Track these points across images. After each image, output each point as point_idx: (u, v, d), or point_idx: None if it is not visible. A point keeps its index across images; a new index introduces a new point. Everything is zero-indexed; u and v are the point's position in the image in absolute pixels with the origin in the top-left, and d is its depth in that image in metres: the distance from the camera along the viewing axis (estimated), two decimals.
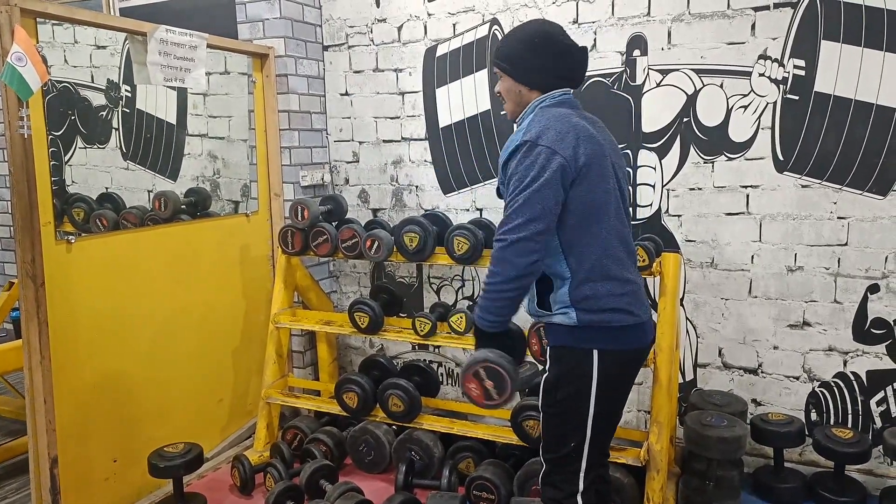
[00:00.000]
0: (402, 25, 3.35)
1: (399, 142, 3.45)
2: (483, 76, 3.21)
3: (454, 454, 2.96)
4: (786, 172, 2.76)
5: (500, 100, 1.99)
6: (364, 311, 2.92)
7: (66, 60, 3.64)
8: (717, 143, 2.84)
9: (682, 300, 2.99)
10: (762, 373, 2.93)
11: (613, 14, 2.93)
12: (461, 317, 2.83)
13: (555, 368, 1.88)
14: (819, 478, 2.76)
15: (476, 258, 2.77)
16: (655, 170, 2.95)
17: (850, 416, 2.81)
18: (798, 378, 2.87)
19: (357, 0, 3.41)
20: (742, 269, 2.88)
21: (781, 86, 2.72)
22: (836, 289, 2.75)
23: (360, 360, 3.45)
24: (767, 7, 2.69)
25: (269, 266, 3.45)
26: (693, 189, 2.91)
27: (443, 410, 3.09)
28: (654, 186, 2.96)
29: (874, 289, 2.70)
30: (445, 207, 3.38)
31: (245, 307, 3.34)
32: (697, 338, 3.01)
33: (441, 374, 3.53)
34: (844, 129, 2.64)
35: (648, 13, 2.87)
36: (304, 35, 3.42)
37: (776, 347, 2.88)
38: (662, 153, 2.93)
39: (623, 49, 2.93)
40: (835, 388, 2.82)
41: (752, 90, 2.76)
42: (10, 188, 2.27)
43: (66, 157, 3.58)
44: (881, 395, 2.76)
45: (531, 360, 2.22)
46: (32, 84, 2.09)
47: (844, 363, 2.79)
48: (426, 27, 3.30)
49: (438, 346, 3.52)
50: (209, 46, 2.86)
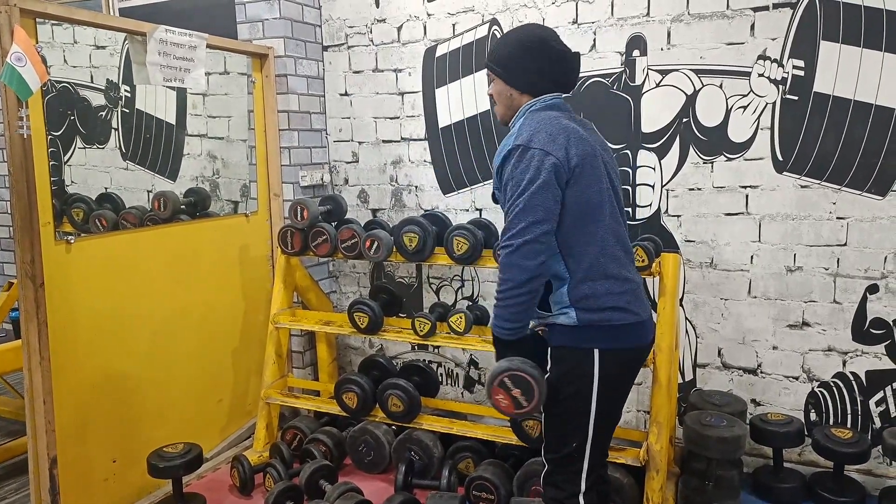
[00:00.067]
0: (402, 26, 3.35)
1: (398, 142, 3.45)
2: (482, 77, 3.20)
3: (454, 454, 2.96)
4: (785, 173, 2.76)
5: (491, 102, 2.02)
6: (363, 312, 2.92)
7: (66, 60, 3.64)
8: (717, 144, 2.84)
9: (682, 300, 2.99)
10: (761, 373, 2.93)
11: (613, 14, 2.93)
12: (460, 317, 2.83)
13: (556, 369, 1.89)
14: (818, 478, 2.76)
15: (475, 258, 2.78)
16: (655, 170, 2.95)
17: (850, 417, 2.81)
18: (797, 378, 2.87)
19: (356, 0, 3.41)
20: (741, 270, 2.89)
21: (781, 86, 2.72)
22: (836, 289, 2.75)
23: (360, 361, 3.45)
24: (767, 7, 2.69)
25: (269, 266, 3.44)
26: (692, 189, 2.91)
27: (442, 410, 3.10)
28: (654, 187, 2.96)
29: (873, 289, 2.70)
30: (445, 207, 3.38)
31: (244, 307, 3.33)
32: (697, 338, 3.01)
33: (440, 375, 3.53)
34: (844, 130, 2.65)
35: (648, 13, 2.87)
36: (304, 35, 3.42)
37: (775, 347, 2.88)
38: (662, 153, 2.93)
39: (622, 49, 2.93)
40: (834, 389, 2.82)
41: (752, 90, 2.76)
42: (10, 188, 2.27)
43: (66, 158, 3.57)
44: (880, 396, 2.76)
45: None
46: (32, 84, 2.09)
47: (844, 363, 2.79)
48: (426, 27, 3.30)
49: (438, 347, 3.52)
50: (209, 46, 2.86)
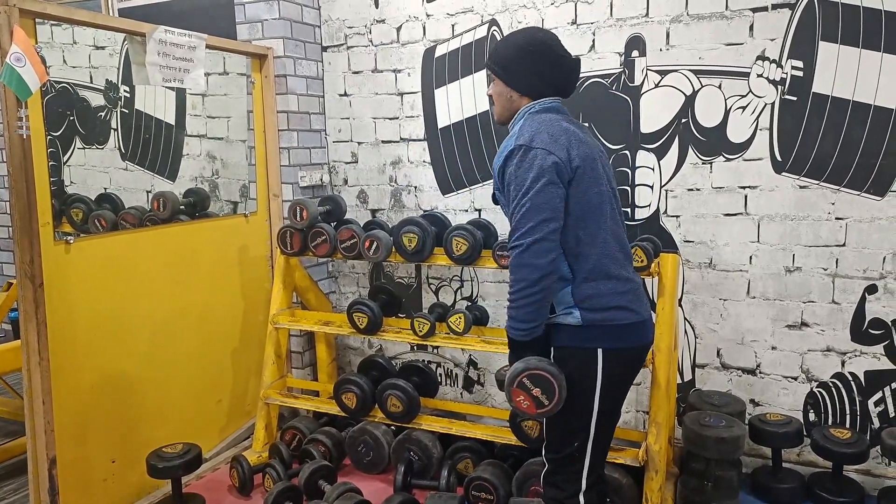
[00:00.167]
0: (401, 26, 3.35)
1: (398, 142, 3.45)
2: (482, 77, 3.21)
3: (453, 454, 2.96)
4: (784, 173, 2.76)
5: (490, 102, 2.03)
6: (363, 312, 2.92)
7: (65, 61, 3.63)
8: (716, 144, 2.84)
9: (681, 301, 2.99)
10: (760, 373, 2.93)
11: (612, 15, 2.93)
12: (459, 317, 2.84)
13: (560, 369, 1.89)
14: (817, 478, 2.76)
15: (474, 258, 2.78)
16: (654, 170, 2.95)
17: (848, 417, 2.82)
18: (796, 378, 2.87)
19: (356, 1, 3.41)
20: (740, 270, 2.89)
21: (779, 87, 2.72)
22: (834, 289, 2.76)
23: (359, 361, 3.45)
24: (765, 8, 2.70)
25: (268, 266, 3.44)
26: (691, 190, 2.91)
27: (441, 411, 3.10)
28: (653, 187, 2.97)
29: (872, 289, 2.70)
30: (444, 208, 3.38)
31: (244, 308, 3.33)
32: (696, 338, 3.01)
33: (440, 375, 3.53)
34: (842, 130, 2.65)
35: (647, 14, 2.87)
36: (303, 36, 3.42)
37: (774, 348, 2.89)
38: (661, 154, 2.93)
39: (621, 50, 2.94)
40: (833, 389, 2.83)
41: (751, 91, 2.76)
42: (9, 189, 2.27)
43: (65, 158, 3.56)
44: (879, 396, 2.76)
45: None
46: (31, 84, 2.09)
47: (842, 363, 2.79)
48: (425, 28, 3.30)
49: (437, 347, 3.52)
50: (208, 47, 2.86)
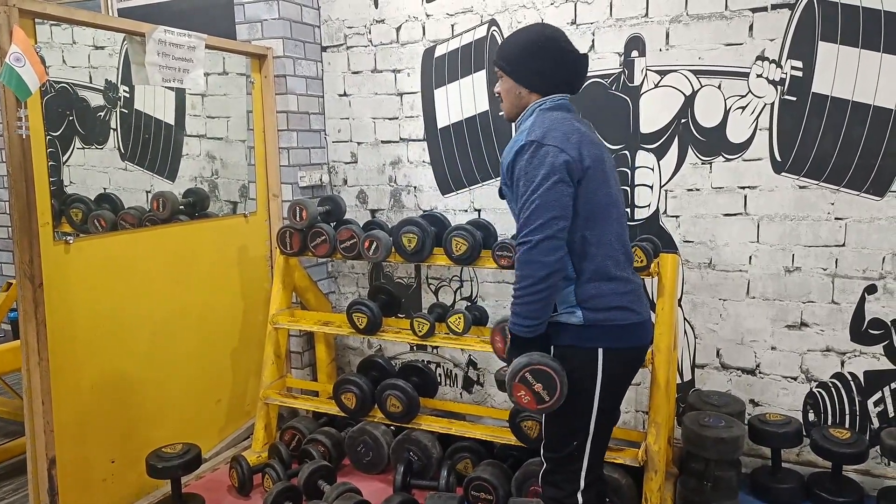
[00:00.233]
0: (401, 26, 3.35)
1: (397, 142, 3.45)
2: (481, 77, 3.21)
3: (452, 455, 2.96)
4: (783, 173, 2.76)
5: (499, 99, 2.01)
6: (362, 312, 2.92)
7: (65, 61, 3.63)
8: (715, 144, 2.84)
9: (680, 301, 3.00)
10: (760, 373, 2.93)
11: (611, 15, 2.93)
12: (459, 317, 2.84)
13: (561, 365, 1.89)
14: (816, 478, 2.76)
15: (474, 259, 2.78)
16: (653, 171, 2.95)
17: (848, 417, 2.82)
18: (796, 378, 2.87)
19: (355, 1, 3.41)
20: (740, 270, 2.89)
21: (779, 87, 2.72)
22: (834, 289, 2.76)
23: (359, 361, 3.45)
24: (765, 8, 2.70)
25: (268, 267, 3.44)
26: (691, 190, 2.91)
27: (441, 411, 3.10)
28: (652, 187, 2.97)
29: (871, 289, 2.70)
30: (444, 208, 3.38)
31: (243, 308, 3.33)
32: (695, 338, 3.02)
33: (439, 375, 3.53)
34: (842, 130, 2.65)
35: (646, 14, 2.87)
36: (303, 36, 3.42)
37: (774, 348, 2.89)
38: (660, 154, 2.93)
39: (621, 50, 2.94)
40: (832, 389, 2.83)
41: (750, 91, 2.76)
42: (9, 189, 2.27)
43: (65, 158, 3.56)
44: (878, 396, 2.76)
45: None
46: (31, 84, 2.09)
47: (842, 364, 2.79)
48: (425, 28, 3.30)
49: (437, 347, 3.52)
50: (208, 47, 2.86)
